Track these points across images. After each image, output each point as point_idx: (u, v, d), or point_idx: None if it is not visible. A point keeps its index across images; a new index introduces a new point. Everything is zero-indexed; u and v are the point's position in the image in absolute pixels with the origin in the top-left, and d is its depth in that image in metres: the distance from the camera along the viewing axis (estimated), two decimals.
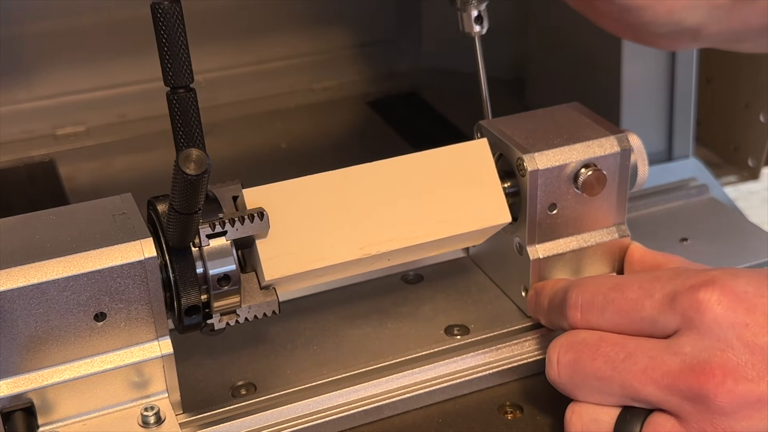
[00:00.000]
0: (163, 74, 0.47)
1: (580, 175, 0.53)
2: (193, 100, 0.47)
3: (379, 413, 0.51)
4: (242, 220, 0.48)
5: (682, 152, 0.72)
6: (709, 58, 0.81)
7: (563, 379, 0.46)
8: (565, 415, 0.47)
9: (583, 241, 0.55)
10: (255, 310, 0.50)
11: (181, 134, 0.47)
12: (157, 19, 0.45)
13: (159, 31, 0.44)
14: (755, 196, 0.86)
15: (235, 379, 0.53)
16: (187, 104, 0.47)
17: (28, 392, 0.46)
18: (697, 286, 0.44)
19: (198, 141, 0.47)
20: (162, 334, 0.47)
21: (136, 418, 0.47)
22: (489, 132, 0.55)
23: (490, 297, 0.58)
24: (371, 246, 0.51)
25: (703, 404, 0.42)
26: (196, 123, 0.47)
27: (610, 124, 0.56)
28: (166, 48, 0.45)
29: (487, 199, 0.53)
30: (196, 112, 0.47)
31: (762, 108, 0.85)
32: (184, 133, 0.47)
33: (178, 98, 0.46)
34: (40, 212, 0.49)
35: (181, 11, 0.45)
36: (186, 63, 0.46)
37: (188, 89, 0.47)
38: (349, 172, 0.52)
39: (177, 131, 0.48)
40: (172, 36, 0.45)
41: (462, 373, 0.53)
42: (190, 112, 0.47)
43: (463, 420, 0.51)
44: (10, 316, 0.44)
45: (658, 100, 0.71)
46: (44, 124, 0.82)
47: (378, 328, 0.56)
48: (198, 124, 0.47)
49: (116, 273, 0.45)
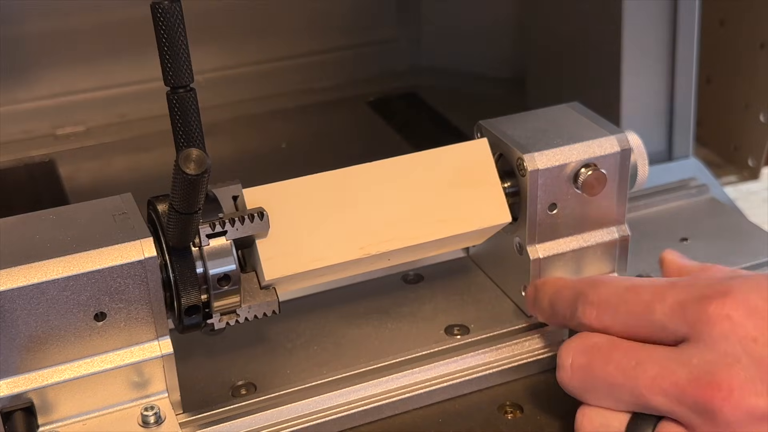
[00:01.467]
0: (163, 74, 0.47)
1: (580, 174, 0.53)
2: (193, 100, 0.47)
3: (379, 413, 0.51)
4: (242, 220, 0.48)
5: (682, 152, 0.72)
6: (709, 58, 0.81)
7: (575, 383, 0.46)
8: (576, 418, 0.47)
9: (583, 241, 0.55)
10: (255, 310, 0.50)
11: (181, 134, 0.47)
12: (157, 19, 0.45)
13: (159, 31, 0.44)
14: (755, 196, 0.86)
15: (235, 379, 0.53)
16: (187, 104, 0.47)
17: (28, 392, 0.46)
18: (709, 298, 0.43)
19: (198, 141, 0.47)
20: (162, 334, 0.47)
21: (136, 417, 0.47)
22: (489, 132, 0.55)
23: (490, 297, 0.58)
24: (371, 246, 0.51)
25: (710, 417, 0.41)
26: (196, 123, 0.47)
27: (610, 124, 0.56)
28: (166, 48, 0.45)
29: (487, 199, 0.53)
30: (196, 112, 0.47)
31: (762, 108, 0.85)
32: (184, 133, 0.47)
33: (178, 98, 0.46)
34: (40, 212, 0.48)
35: (181, 11, 0.45)
36: (186, 63, 0.46)
37: (188, 89, 0.47)
38: (349, 171, 0.52)
39: (177, 131, 0.47)
40: (172, 36, 0.45)
41: (462, 373, 0.53)
42: (190, 112, 0.47)
43: (463, 420, 0.51)
44: (10, 315, 0.44)
45: (658, 100, 0.71)
46: (44, 124, 0.82)
47: (378, 328, 0.56)
48: (198, 124, 0.47)
49: (116, 273, 0.45)
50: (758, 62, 0.84)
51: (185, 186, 0.42)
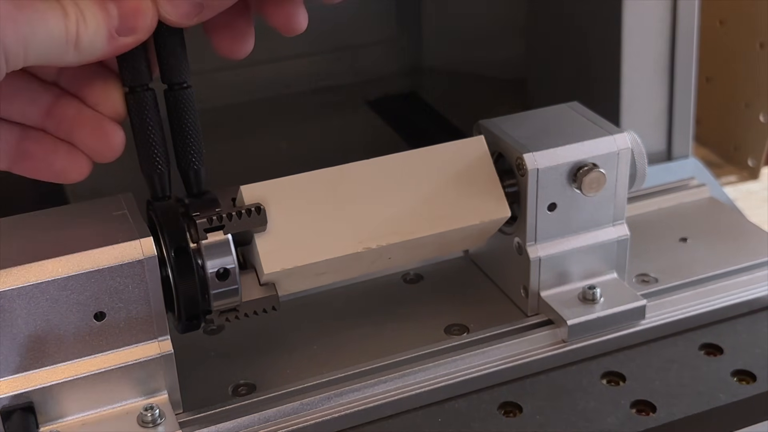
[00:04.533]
0: (161, 73, 0.47)
1: (580, 174, 0.53)
2: (190, 98, 0.47)
3: (379, 412, 0.51)
4: (239, 215, 0.48)
5: (681, 152, 0.72)
6: (709, 58, 0.81)
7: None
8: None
9: (583, 241, 0.55)
10: (255, 306, 0.50)
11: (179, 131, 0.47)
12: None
13: (158, 30, 0.44)
14: (755, 196, 0.86)
15: (235, 379, 0.53)
16: (185, 102, 0.47)
17: (28, 391, 0.46)
18: None
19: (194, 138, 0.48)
20: (162, 333, 0.47)
21: (136, 417, 0.47)
22: (489, 131, 0.55)
23: (490, 297, 0.58)
24: (371, 240, 0.51)
25: None
26: (194, 122, 0.48)
27: (610, 124, 0.56)
28: (165, 47, 0.46)
29: (485, 195, 0.53)
30: (194, 111, 0.48)
31: (762, 108, 0.85)
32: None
33: (174, 96, 0.47)
34: (40, 212, 0.49)
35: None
36: (184, 62, 0.47)
37: (184, 86, 0.47)
38: (347, 168, 0.52)
39: (175, 130, 0.48)
40: (171, 35, 0.45)
41: (462, 373, 0.53)
42: (188, 111, 0.48)
43: (463, 419, 0.51)
44: (10, 315, 0.44)
45: (658, 100, 0.71)
46: None
47: (378, 327, 0.56)
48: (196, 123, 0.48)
49: (116, 272, 0.45)
50: (758, 62, 0.84)
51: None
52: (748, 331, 0.57)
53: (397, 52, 0.93)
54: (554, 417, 0.50)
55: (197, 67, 0.49)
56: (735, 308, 0.58)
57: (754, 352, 0.55)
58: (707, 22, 0.76)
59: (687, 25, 0.69)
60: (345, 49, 0.91)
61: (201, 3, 0.42)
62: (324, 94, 0.89)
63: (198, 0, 0.42)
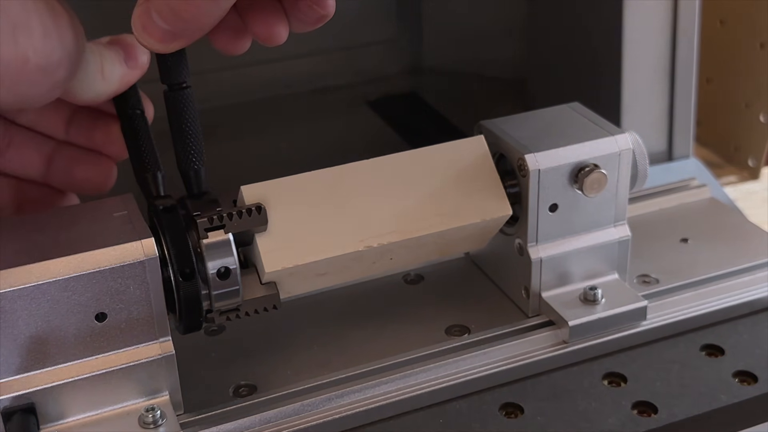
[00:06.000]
0: (160, 73, 0.47)
1: (581, 175, 0.53)
2: (190, 98, 0.47)
3: (381, 413, 0.51)
4: (240, 214, 0.48)
5: (682, 152, 0.72)
6: (709, 58, 0.81)
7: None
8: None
9: (584, 242, 0.55)
10: (256, 304, 0.50)
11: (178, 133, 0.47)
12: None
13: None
14: (755, 196, 0.86)
15: (236, 380, 0.52)
16: (185, 102, 0.47)
17: (29, 392, 0.46)
18: None
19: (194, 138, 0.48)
20: (163, 334, 0.47)
21: (137, 418, 0.47)
22: (490, 132, 0.55)
23: (491, 297, 0.58)
24: (372, 238, 0.51)
25: None
26: (194, 122, 0.48)
27: (610, 124, 0.56)
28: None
29: (486, 193, 0.53)
30: (194, 111, 0.48)
31: (762, 108, 0.85)
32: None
33: (174, 96, 0.47)
34: (40, 213, 0.49)
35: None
36: (184, 62, 0.47)
37: (184, 87, 0.47)
38: (347, 168, 0.52)
39: (175, 131, 0.48)
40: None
41: (462, 373, 0.53)
42: (188, 111, 0.48)
43: (464, 420, 0.51)
44: (11, 316, 0.44)
45: (658, 100, 0.71)
46: None
47: (379, 328, 0.56)
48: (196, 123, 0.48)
49: (117, 273, 0.45)
50: (758, 62, 0.84)
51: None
52: (750, 331, 0.57)
53: (397, 52, 0.93)
54: (555, 418, 0.50)
55: (197, 67, 0.49)
56: (736, 309, 0.58)
57: (755, 353, 0.55)
58: (707, 23, 0.76)
59: (687, 25, 0.69)
60: (345, 49, 0.91)
61: (172, 32, 0.44)
62: (324, 94, 0.89)
63: (167, 29, 0.44)
